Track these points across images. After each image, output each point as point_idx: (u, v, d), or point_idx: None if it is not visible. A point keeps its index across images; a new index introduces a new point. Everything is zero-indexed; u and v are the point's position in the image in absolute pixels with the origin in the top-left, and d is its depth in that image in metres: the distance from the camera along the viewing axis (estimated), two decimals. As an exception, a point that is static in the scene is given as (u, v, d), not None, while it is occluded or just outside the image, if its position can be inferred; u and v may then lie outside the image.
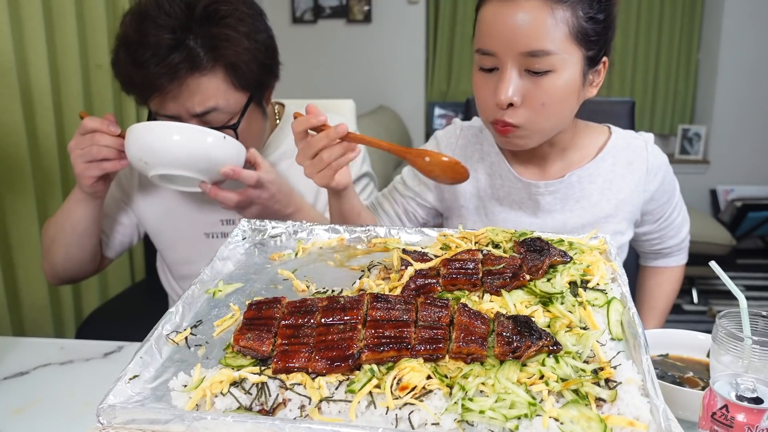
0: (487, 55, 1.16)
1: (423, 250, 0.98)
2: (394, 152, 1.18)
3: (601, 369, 0.69)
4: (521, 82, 1.14)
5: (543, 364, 0.69)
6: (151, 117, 1.32)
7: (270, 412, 0.67)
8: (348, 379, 0.69)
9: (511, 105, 1.15)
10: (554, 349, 0.71)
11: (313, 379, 0.69)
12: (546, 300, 0.84)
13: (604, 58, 1.21)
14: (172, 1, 1.23)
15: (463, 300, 0.83)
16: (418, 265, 0.92)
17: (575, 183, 1.33)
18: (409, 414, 0.65)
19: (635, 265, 1.64)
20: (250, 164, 1.29)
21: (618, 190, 1.34)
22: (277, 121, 1.56)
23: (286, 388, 0.68)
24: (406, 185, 1.47)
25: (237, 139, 1.29)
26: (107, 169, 1.27)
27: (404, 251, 0.96)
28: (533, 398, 0.64)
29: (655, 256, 1.55)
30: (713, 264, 0.95)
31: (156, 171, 1.22)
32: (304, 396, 0.68)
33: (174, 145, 1.19)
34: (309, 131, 1.17)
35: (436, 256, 0.96)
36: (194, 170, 1.22)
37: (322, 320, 0.76)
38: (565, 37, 1.11)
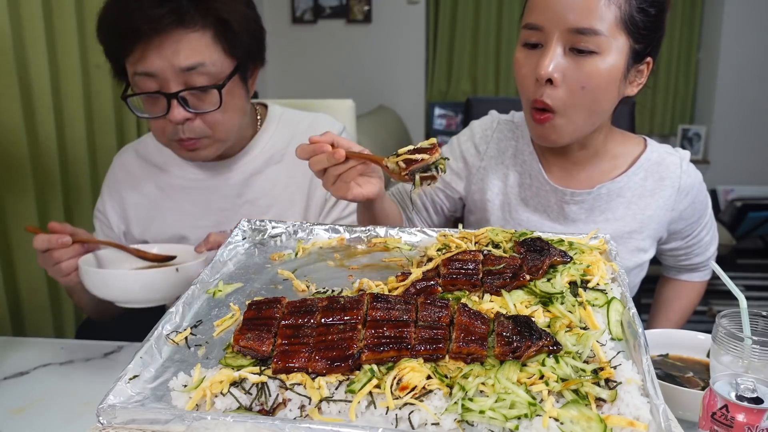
0: (534, 29, 1.15)
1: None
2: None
3: (601, 369, 0.69)
4: (564, 60, 1.13)
5: (543, 364, 0.69)
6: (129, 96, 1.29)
7: (270, 412, 0.67)
8: (348, 379, 0.69)
9: (550, 82, 1.14)
10: (554, 349, 0.71)
11: (313, 379, 0.69)
12: (546, 300, 0.84)
13: (649, 59, 1.19)
14: None
15: (463, 300, 0.83)
16: (420, 270, 0.91)
17: (603, 195, 1.30)
18: (409, 414, 0.65)
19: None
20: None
21: (646, 206, 1.30)
22: (260, 126, 1.52)
23: (286, 388, 0.68)
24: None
25: (221, 104, 1.27)
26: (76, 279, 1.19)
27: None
28: (533, 398, 0.64)
29: (679, 270, 1.52)
30: (713, 264, 0.95)
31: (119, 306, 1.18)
32: (304, 396, 0.67)
33: (131, 290, 1.14)
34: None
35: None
36: (159, 301, 1.18)
37: (322, 320, 0.76)
38: (615, 20, 1.11)
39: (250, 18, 1.30)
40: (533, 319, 0.76)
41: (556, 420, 0.62)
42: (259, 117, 1.53)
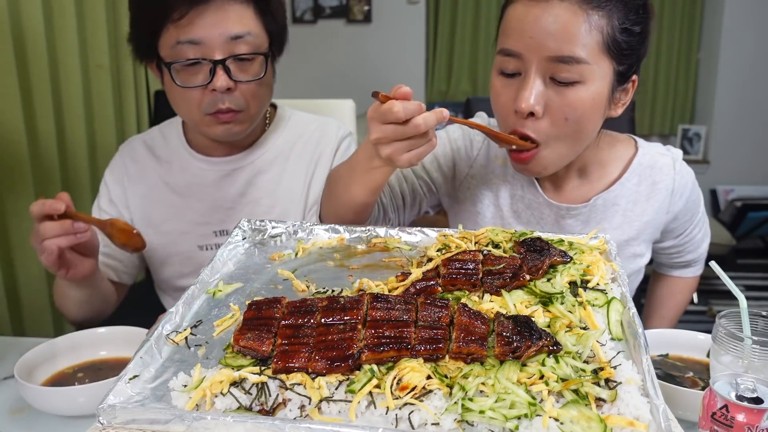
0: (511, 56, 1.08)
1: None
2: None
3: (601, 369, 0.69)
4: (545, 91, 1.07)
5: (543, 364, 0.69)
6: (162, 69, 1.29)
7: (270, 412, 0.67)
8: (348, 379, 0.69)
9: (531, 115, 1.08)
10: (554, 349, 0.71)
11: (313, 379, 0.69)
12: (546, 300, 0.84)
13: (634, 77, 1.14)
14: None
15: (463, 300, 0.83)
16: (420, 270, 0.91)
17: (599, 206, 1.27)
18: (409, 414, 0.65)
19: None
20: None
21: (642, 212, 1.28)
22: (268, 125, 1.53)
23: (286, 388, 0.68)
24: (423, 165, 1.36)
25: (265, 71, 1.32)
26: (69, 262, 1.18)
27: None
28: (533, 398, 0.64)
29: (671, 267, 1.51)
30: (713, 264, 0.95)
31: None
32: (304, 396, 0.67)
33: (79, 403, 0.99)
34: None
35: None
36: None
37: (322, 320, 0.76)
38: (598, 46, 1.05)
39: (281, 2, 1.39)
40: (533, 319, 0.76)
41: (556, 420, 0.62)
42: (268, 116, 1.54)
